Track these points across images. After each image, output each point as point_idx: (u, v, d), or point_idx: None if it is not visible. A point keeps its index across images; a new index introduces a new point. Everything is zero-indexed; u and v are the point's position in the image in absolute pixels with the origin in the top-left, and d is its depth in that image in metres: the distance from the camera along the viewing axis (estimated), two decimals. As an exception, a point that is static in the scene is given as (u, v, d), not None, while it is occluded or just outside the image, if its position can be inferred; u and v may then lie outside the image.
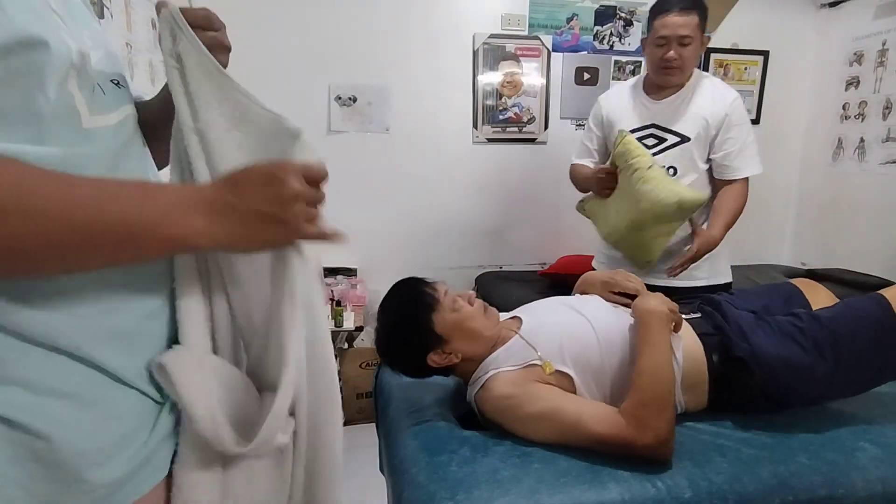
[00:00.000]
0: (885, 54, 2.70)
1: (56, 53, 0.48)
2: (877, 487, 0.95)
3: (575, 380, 1.06)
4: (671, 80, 1.65)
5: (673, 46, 1.57)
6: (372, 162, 2.76)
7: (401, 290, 1.17)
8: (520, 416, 1.02)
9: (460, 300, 1.15)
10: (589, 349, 1.09)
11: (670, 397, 0.97)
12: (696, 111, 1.65)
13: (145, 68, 1.55)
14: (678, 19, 1.55)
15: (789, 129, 3.17)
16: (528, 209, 2.97)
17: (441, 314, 1.11)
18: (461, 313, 1.12)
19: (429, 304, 1.11)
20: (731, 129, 1.63)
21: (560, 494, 0.87)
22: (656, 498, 0.88)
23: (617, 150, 1.63)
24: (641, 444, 0.92)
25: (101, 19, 1.27)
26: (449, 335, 1.10)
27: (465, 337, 1.11)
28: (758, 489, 0.91)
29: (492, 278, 2.84)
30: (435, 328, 1.10)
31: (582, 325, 1.13)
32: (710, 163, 1.68)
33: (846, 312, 1.15)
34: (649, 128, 1.70)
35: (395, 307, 1.16)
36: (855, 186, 2.87)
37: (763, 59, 3.04)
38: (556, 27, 2.80)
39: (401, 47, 2.69)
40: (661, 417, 0.93)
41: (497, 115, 2.84)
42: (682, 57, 1.58)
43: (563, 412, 0.99)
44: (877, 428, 1.09)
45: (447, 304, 1.12)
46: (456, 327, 1.11)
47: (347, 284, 2.61)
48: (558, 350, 1.08)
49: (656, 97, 1.70)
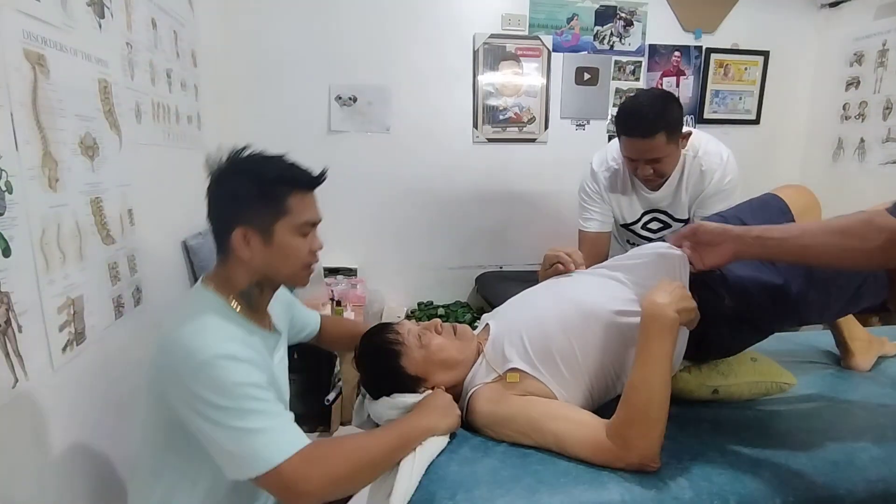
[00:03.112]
0: (885, 54, 2.70)
1: None
2: (877, 487, 0.95)
3: (546, 382, 1.03)
4: (656, 186, 1.62)
5: (642, 166, 1.51)
6: (372, 162, 2.76)
7: (366, 345, 1.16)
8: (502, 431, 1.01)
9: (427, 333, 1.13)
10: (553, 340, 1.06)
11: (662, 415, 0.91)
12: (692, 198, 1.64)
13: (145, 68, 1.55)
14: (641, 145, 1.46)
15: (789, 129, 3.17)
16: (528, 209, 2.97)
17: (409, 356, 1.09)
18: (429, 349, 1.10)
19: (395, 350, 1.10)
20: (721, 202, 1.57)
21: (560, 494, 0.87)
22: (656, 498, 0.88)
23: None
24: (625, 464, 0.91)
25: (101, 19, 1.27)
26: (425, 373, 1.09)
27: (440, 368, 1.10)
28: (758, 489, 0.91)
29: (492, 278, 2.84)
30: (408, 371, 1.09)
31: (542, 317, 1.10)
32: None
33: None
34: (653, 212, 1.69)
35: (367, 363, 1.14)
36: (855, 186, 2.87)
37: (763, 59, 3.04)
38: (557, 27, 2.80)
39: (401, 47, 2.69)
40: (648, 437, 0.90)
41: (497, 115, 2.84)
42: (657, 171, 1.52)
43: (542, 430, 0.97)
44: (877, 428, 1.09)
45: (413, 344, 1.11)
46: (428, 363, 1.09)
47: (347, 284, 2.61)
48: (525, 352, 1.06)
49: (651, 188, 1.65)
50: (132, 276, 1.37)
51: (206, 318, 0.86)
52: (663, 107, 1.45)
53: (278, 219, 0.91)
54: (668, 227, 1.69)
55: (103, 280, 1.23)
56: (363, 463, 0.87)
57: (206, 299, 0.92)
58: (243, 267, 0.93)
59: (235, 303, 0.94)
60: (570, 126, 2.92)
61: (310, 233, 0.96)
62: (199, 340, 0.82)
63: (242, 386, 0.80)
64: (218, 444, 0.80)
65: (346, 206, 2.77)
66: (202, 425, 0.80)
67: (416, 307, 2.91)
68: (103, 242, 1.23)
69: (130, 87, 1.44)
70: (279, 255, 0.92)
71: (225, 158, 0.92)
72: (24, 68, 0.95)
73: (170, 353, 0.83)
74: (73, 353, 1.07)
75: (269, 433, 0.81)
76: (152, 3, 1.64)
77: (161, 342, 0.87)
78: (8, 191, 0.88)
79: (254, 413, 0.80)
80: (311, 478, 0.80)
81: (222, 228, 0.92)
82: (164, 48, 1.72)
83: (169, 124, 1.76)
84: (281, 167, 0.94)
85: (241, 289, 0.94)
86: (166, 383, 0.84)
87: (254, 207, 0.90)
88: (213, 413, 0.79)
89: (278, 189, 0.91)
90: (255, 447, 0.79)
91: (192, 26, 2.04)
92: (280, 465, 0.79)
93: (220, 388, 0.79)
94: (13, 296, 0.88)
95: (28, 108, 0.95)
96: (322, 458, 0.83)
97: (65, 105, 1.07)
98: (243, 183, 0.90)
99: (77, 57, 1.15)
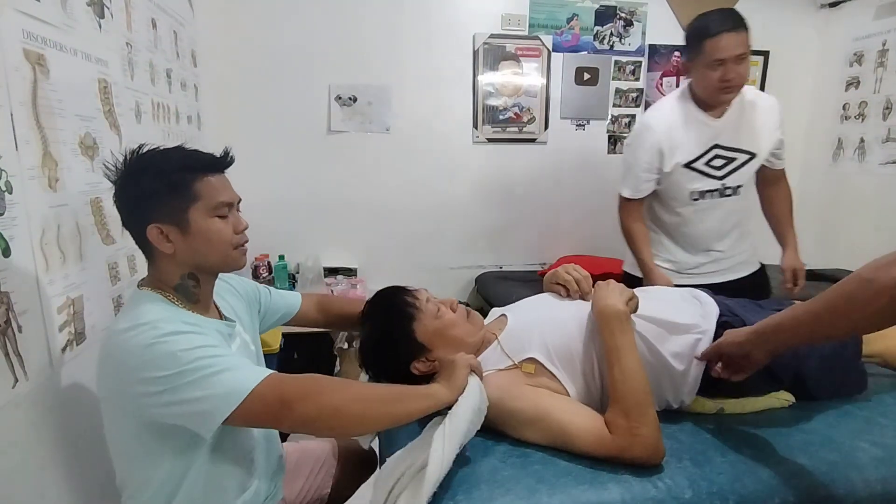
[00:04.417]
0: (885, 54, 2.70)
1: None
2: (876, 487, 0.95)
3: (561, 378, 1.05)
4: (730, 99, 1.62)
5: (730, 66, 1.52)
6: (372, 162, 2.76)
7: (381, 300, 1.16)
8: (508, 420, 1.01)
9: (443, 307, 1.14)
10: (574, 341, 1.07)
11: (648, 398, 0.95)
12: (762, 126, 1.65)
13: (145, 68, 1.55)
14: (732, 39, 1.50)
15: (789, 129, 3.12)
16: (528, 209, 2.97)
17: (422, 322, 1.10)
18: (443, 321, 1.11)
19: (410, 313, 1.10)
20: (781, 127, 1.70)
21: (560, 494, 0.87)
22: (656, 498, 0.88)
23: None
24: (630, 456, 0.91)
25: (100, 19, 1.27)
26: (431, 343, 1.09)
27: (447, 345, 1.10)
28: (758, 489, 0.91)
29: (492, 278, 2.84)
30: (417, 337, 1.09)
31: (565, 320, 1.11)
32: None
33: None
34: (713, 149, 1.66)
35: (376, 318, 1.14)
36: (855, 186, 2.87)
37: (763, 59, 3.04)
38: (557, 27, 2.80)
39: (401, 47, 2.69)
40: (644, 423, 0.92)
41: (497, 115, 2.84)
42: (740, 75, 1.54)
43: (550, 420, 0.97)
44: (876, 428, 1.09)
45: (429, 312, 1.11)
46: (438, 335, 1.10)
47: (347, 284, 2.61)
48: (545, 348, 1.07)
49: (714, 114, 1.64)
50: (132, 276, 1.37)
51: (144, 307, 0.86)
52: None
53: (189, 206, 0.89)
54: (730, 162, 1.66)
55: (103, 280, 1.23)
56: (349, 394, 0.86)
57: (142, 298, 0.90)
58: (170, 262, 0.91)
59: (173, 297, 0.92)
60: (570, 126, 2.92)
61: (228, 214, 0.94)
62: (137, 333, 0.81)
63: (189, 350, 0.79)
64: (183, 408, 0.79)
65: (346, 206, 2.77)
66: (162, 407, 0.79)
67: (416, 307, 2.91)
68: (103, 242, 1.23)
69: (130, 87, 1.44)
70: (202, 242, 0.90)
71: (122, 162, 0.90)
72: (24, 68, 0.95)
73: (110, 355, 0.83)
74: (73, 353, 1.07)
75: (232, 370, 0.80)
76: (152, 3, 1.64)
77: (103, 347, 0.86)
78: (8, 191, 0.88)
79: (210, 363, 0.80)
80: (294, 392, 0.81)
81: (138, 230, 0.90)
82: (164, 48, 1.72)
83: (169, 124, 1.76)
84: (180, 156, 0.92)
85: (175, 283, 0.93)
86: (116, 390, 0.83)
87: (162, 201, 0.88)
88: (168, 383, 0.78)
89: (182, 177, 0.89)
90: (223, 383, 0.79)
91: (192, 26, 2.04)
92: (255, 389, 0.79)
93: (168, 360, 0.78)
94: (13, 296, 0.88)
95: (28, 108, 0.95)
96: (298, 379, 0.84)
97: (65, 105, 1.07)
98: (146, 180, 0.87)
99: (77, 57, 1.15)
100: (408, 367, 1.09)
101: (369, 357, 1.15)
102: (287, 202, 2.67)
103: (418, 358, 1.09)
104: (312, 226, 2.74)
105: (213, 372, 0.79)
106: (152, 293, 0.91)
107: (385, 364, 1.12)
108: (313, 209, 2.73)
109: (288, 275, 2.56)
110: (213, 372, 0.79)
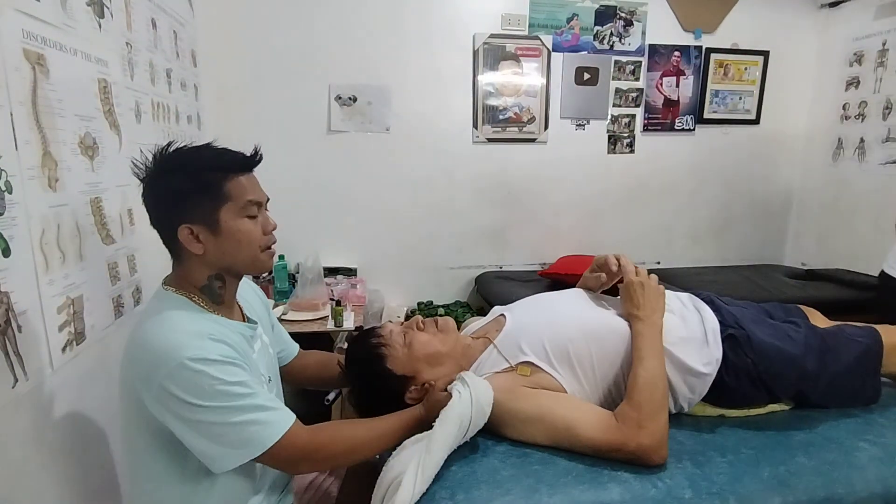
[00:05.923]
0: (885, 54, 2.70)
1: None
2: (876, 487, 0.95)
3: (559, 379, 1.05)
4: None
5: None
6: (372, 162, 2.76)
7: (351, 354, 1.16)
8: (510, 421, 1.01)
9: (409, 331, 1.14)
10: (573, 343, 1.07)
11: (664, 402, 0.97)
12: None
13: (145, 68, 1.55)
14: None
15: (789, 129, 3.17)
16: (528, 209, 2.97)
17: (394, 357, 1.10)
18: (413, 346, 1.11)
19: (380, 353, 1.10)
20: None
21: (560, 494, 0.87)
22: (656, 498, 0.88)
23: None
24: (636, 444, 0.91)
25: (100, 19, 1.27)
26: (412, 371, 1.09)
27: (428, 364, 1.10)
28: (758, 489, 0.91)
29: (492, 278, 2.84)
30: (396, 372, 1.09)
31: (564, 321, 1.12)
32: None
33: (840, 332, 1.21)
34: None
35: (355, 370, 1.14)
36: (855, 186, 2.87)
37: (763, 59, 3.04)
38: (557, 27, 2.80)
39: (401, 47, 2.68)
40: (655, 420, 0.94)
41: (497, 115, 2.84)
42: None
43: (553, 416, 0.98)
44: (876, 428, 1.09)
45: (397, 344, 1.11)
46: (415, 361, 1.10)
47: (347, 284, 2.61)
48: (543, 350, 1.07)
49: None
50: (132, 276, 1.37)
51: (172, 314, 0.85)
52: None
53: (220, 206, 0.89)
54: None
55: (103, 280, 1.23)
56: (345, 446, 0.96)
57: (168, 300, 0.90)
58: (198, 262, 0.91)
59: (198, 299, 0.92)
60: (570, 126, 2.91)
61: (258, 214, 0.94)
62: (167, 341, 0.81)
63: (217, 389, 0.80)
64: (202, 442, 0.82)
65: (345, 206, 2.77)
66: (181, 427, 0.81)
67: (416, 307, 2.91)
68: (103, 242, 1.23)
69: (130, 87, 1.44)
70: (231, 243, 0.90)
71: (152, 160, 0.89)
72: (24, 68, 0.95)
73: (139, 359, 0.83)
74: (73, 353, 1.07)
75: (255, 424, 0.83)
76: (152, 3, 1.64)
77: (129, 349, 0.86)
78: (8, 191, 0.88)
79: (233, 409, 0.81)
80: (302, 452, 0.88)
81: (168, 230, 0.90)
82: (163, 48, 1.72)
83: (169, 124, 1.76)
84: (211, 155, 0.92)
85: (201, 284, 0.93)
86: (141, 390, 0.82)
87: (193, 201, 0.87)
88: (191, 413, 0.80)
89: (213, 177, 0.88)
90: (242, 437, 0.82)
91: (192, 26, 2.04)
92: (268, 450, 0.84)
93: (195, 390, 0.79)
94: (13, 296, 0.88)
95: (28, 108, 0.95)
96: (314, 440, 0.91)
97: (64, 105, 1.07)
98: (177, 179, 0.87)
99: (77, 57, 1.15)
100: (403, 400, 1.09)
101: (363, 407, 1.14)
102: (287, 202, 2.64)
103: (407, 388, 1.09)
104: (312, 225, 2.73)
105: (234, 424, 0.82)
106: (177, 296, 0.91)
107: (381, 409, 1.08)
108: (313, 209, 2.73)
109: (288, 275, 2.55)
110: (233, 424, 0.82)
